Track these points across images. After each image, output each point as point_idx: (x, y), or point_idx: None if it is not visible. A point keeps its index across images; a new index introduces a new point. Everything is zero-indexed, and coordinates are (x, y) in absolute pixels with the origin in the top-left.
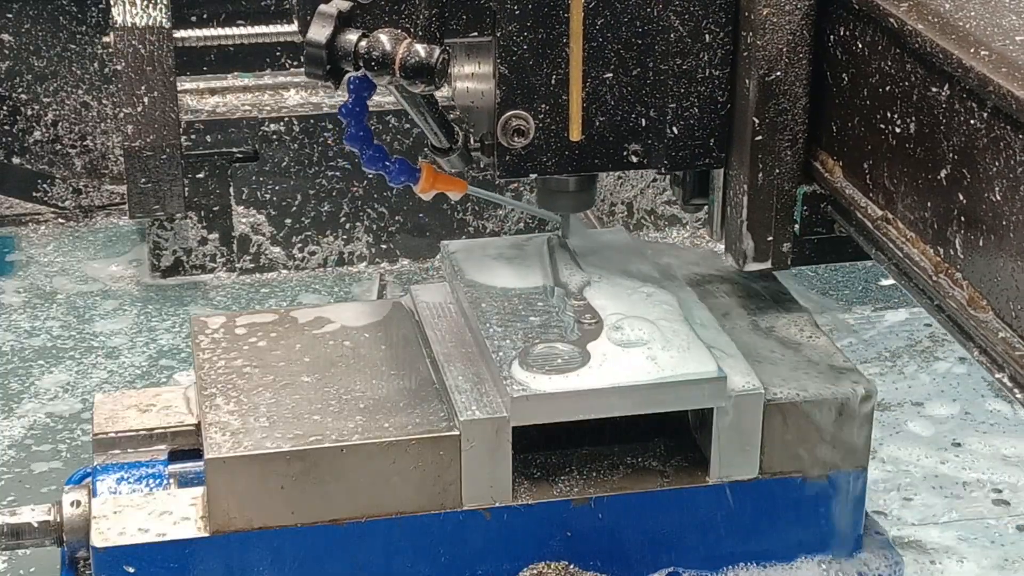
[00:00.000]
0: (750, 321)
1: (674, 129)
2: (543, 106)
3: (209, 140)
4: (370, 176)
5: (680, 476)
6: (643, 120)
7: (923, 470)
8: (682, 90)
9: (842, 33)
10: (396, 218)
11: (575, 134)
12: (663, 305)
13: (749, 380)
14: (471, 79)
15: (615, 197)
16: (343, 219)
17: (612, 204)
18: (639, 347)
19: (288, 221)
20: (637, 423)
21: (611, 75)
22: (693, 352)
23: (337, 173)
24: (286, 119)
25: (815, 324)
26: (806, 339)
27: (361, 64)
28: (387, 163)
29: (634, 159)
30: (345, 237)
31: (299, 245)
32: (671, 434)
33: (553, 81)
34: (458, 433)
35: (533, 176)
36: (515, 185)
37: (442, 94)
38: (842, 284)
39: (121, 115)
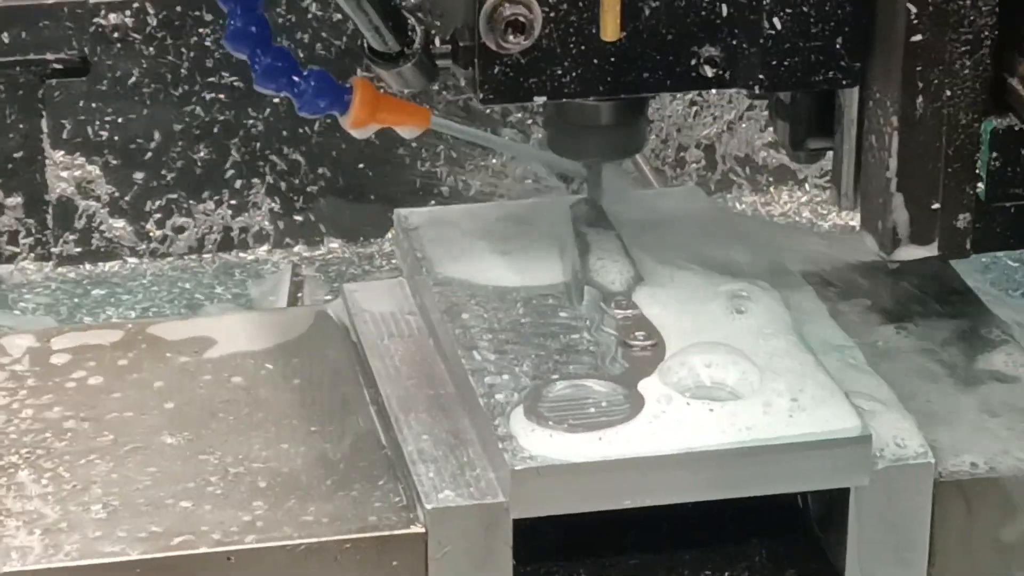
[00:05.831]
0: (911, 344)
1: (775, 21)
2: None
3: (7, 40)
4: (275, 101)
5: None
6: (723, 6)
7: None
8: None
9: None
10: (319, 171)
11: (610, 32)
12: (764, 318)
13: (910, 441)
14: None
15: (684, 137)
16: (230, 173)
17: (680, 149)
18: (724, 388)
19: (139, 176)
20: (720, 515)
21: None
22: (817, 397)
23: (220, 96)
24: (135, 5)
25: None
26: (1007, 374)
27: None
28: (295, 78)
29: (708, 72)
30: (234, 203)
31: (157, 216)
32: (777, 532)
33: None
34: (423, 530)
35: (540, 100)
36: (517, 115)
37: None
38: None
39: None
